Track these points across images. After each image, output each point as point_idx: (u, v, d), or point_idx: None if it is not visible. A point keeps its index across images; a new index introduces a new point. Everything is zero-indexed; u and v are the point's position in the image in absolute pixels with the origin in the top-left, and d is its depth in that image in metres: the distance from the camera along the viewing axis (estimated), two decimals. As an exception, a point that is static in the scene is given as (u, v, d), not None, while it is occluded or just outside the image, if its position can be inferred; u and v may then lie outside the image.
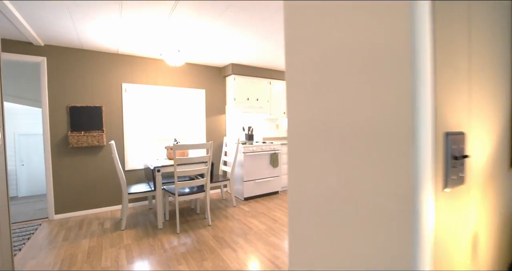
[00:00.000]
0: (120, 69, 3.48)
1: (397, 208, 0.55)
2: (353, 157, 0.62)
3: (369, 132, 0.57)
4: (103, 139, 3.30)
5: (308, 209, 0.81)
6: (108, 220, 3.08)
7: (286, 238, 2.60)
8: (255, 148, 3.92)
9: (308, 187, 0.81)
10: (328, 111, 0.72)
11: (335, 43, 0.68)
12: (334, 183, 0.71)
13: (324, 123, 0.73)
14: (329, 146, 0.72)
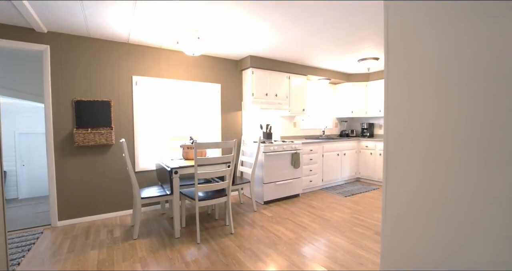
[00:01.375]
0: (130, 61, 3.16)
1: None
2: (467, 160, 0.68)
3: (487, 135, 0.64)
4: (112, 137, 2.99)
5: (407, 210, 0.84)
6: (117, 227, 2.75)
7: (322, 248, 2.28)
8: (275, 148, 3.60)
9: (409, 188, 0.84)
10: (438, 113, 0.77)
11: (452, 45, 0.72)
12: (438, 184, 0.76)
13: (434, 124, 0.78)
14: (437, 148, 0.77)
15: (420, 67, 0.95)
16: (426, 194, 0.96)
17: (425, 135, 0.96)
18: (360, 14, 2.42)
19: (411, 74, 1.00)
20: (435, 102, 0.91)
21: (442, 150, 0.90)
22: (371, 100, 4.91)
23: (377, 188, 4.36)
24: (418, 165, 1.01)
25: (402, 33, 1.00)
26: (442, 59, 0.90)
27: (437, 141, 0.92)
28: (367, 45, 3.31)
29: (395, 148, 1.18)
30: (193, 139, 3.05)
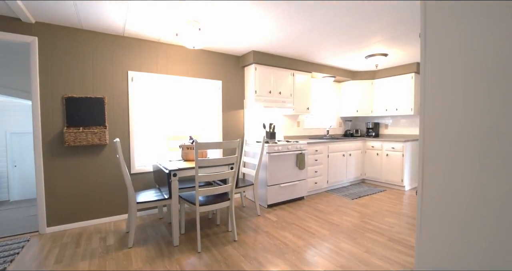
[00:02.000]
0: (126, 55, 2.96)
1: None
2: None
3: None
4: (106, 137, 2.78)
5: (444, 210, 0.93)
6: (111, 234, 2.55)
7: (334, 257, 2.09)
8: (280, 148, 3.41)
9: (446, 188, 0.93)
10: (478, 113, 0.84)
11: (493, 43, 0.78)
12: (476, 185, 0.84)
13: (475, 125, 0.85)
14: (479, 148, 0.84)
15: (459, 65, 0.95)
16: (466, 196, 0.94)
17: (464, 136, 0.95)
18: (368, 6, 2.25)
19: (450, 72, 0.99)
20: (475, 101, 0.90)
21: (484, 150, 0.88)
22: (377, 99, 4.74)
23: (384, 190, 4.18)
24: (458, 167, 1.00)
25: (441, 31, 1.00)
26: (481, 56, 0.89)
27: (478, 142, 0.90)
28: (376, 40, 3.13)
29: (432, 150, 1.15)
30: (193, 139, 2.85)
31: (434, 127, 1.15)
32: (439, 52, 1.11)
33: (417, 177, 4.45)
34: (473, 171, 0.95)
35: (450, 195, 1.05)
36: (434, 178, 1.14)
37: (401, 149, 4.11)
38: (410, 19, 2.54)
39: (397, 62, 4.17)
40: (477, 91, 0.96)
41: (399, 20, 2.56)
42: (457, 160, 1.01)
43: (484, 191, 0.92)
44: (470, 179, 0.96)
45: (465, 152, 0.98)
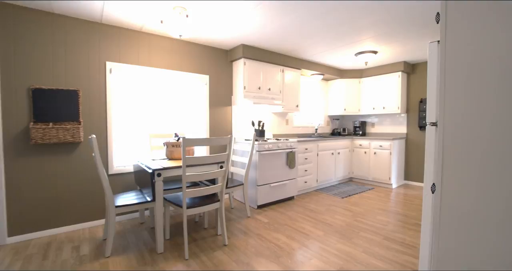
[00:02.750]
0: (103, 44, 2.69)
1: None
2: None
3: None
4: (80, 134, 2.50)
5: (462, 212, 0.92)
6: (86, 242, 2.28)
7: (331, 259, 1.99)
8: (270, 146, 3.28)
9: (464, 190, 0.91)
10: (499, 111, 0.82)
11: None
12: (496, 187, 0.82)
13: (495, 126, 0.82)
14: (501, 147, 0.82)
15: (479, 62, 0.92)
16: (489, 195, 0.90)
17: (486, 134, 0.91)
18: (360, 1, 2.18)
19: (470, 68, 0.96)
20: (495, 99, 0.87)
21: (505, 149, 0.85)
22: (365, 98, 4.75)
23: (372, 188, 4.18)
24: (479, 165, 0.95)
25: (461, 28, 0.96)
26: (504, 56, 0.85)
27: (500, 140, 0.87)
28: (366, 36, 3.09)
29: (453, 147, 1.06)
30: (179, 136, 2.64)
31: (453, 129, 1.09)
32: (459, 51, 1.04)
33: (403, 175, 4.51)
34: (494, 174, 0.89)
35: (471, 197, 0.98)
36: (454, 179, 1.06)
37: (388, 147, 4.13)
38: (402, 16, 2.51)
39: (385, 61, 4.19)
40: (501, 92, 0.90)
41: (389, 17, 2.52)
42: (479, 160, 0.95)
43: (506, 192, 0.86)
44: (491, 181, 0.91)
45: (486, 152, 0.93)
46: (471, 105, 0.97)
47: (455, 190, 1.02)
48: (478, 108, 0.95)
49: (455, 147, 1.03)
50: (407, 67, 4.28)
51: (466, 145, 0.99)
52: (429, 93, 1.59)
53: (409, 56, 3.93)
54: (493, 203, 0.90)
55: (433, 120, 1.58)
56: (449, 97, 1.05)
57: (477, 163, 0.94)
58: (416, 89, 4.36)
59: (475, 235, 0.95)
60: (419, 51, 3.71)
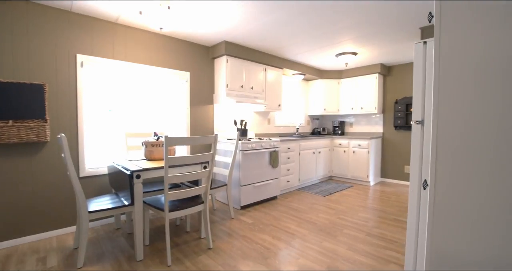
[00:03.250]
0: (74, 35, 2.46)
1: None
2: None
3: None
4: (46, 133, 2.26)
5: (457, 210, 0.94)
6: (53, 253, 2.06)
7: (319, 257, 1.98)
8: (254, 145, 3.22)
9: (460, 189, 0.94)
10: (489, 110, 0.85)
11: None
12: (490, 184, 0.84)
13: (489, 124, 0.85)
14: (491, 147, 0.85)
15: (473, 62, 0.95)
16: (480, 196, 0.93)
17: (479, 130, 0.94)
18: (342, 1, 2.22)
19: (464, 68, 0.98)
20: (490, 99, 0.90)
21: (499, 148, 0.88)
22: (344, 98, 4.88)
23: (351, 186, 4.30)
24: (472, 166, 0.97)
25: (455, 27, 0.99)
26: (494, 54, 0.88)
27: (492, 140, 0.89)
28: (347, 37, 3.16)
29: (446, 145, 1.09)
30: (158, 135, 2.49)
31: (447, 126, 1.10)
32: (453, 50, 1.06)
33: (380, 173, 4.69)
34: (487, 171, 0.92)
35: (463, 195, 1.00)
36: (447, 178, 1.08)
37: (366, 146, 4.27)
38: (378, 19, 2.59)
39: (363, 62, 4.33)
40: (494, 89, 0.92)
41: (368, 19, 2.60)
42: (471, 159, 0.98)
43: (499, 191, 0.89)
44: (484, 179, 0.93)
45: (479, 150, 0.96)
46: (463, 103, 0.99)
47: (448, 185, 1.03)
48: (471, 106, 0.96)
49: (448, 144, 1.05)
50: (384, 69, 4.47)
51: (458, 142, 1.01)
52: (415, 92, 1.63)
53: (385, 58, 4.09)
54: (485, 198, 0.92)
55: (418, 118, 1.63)
56: (443, 95, 1.06)
57: (470, 158, 0.96)
58: (392, 91, 4.56)
59: (469, 229, 0.96)
60: (394, 54, 3.87)
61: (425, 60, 1.64)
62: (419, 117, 1.63)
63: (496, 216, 0.88)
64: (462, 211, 0.97)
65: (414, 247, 1.62)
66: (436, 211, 1.07)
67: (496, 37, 0.88)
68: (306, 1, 2.25)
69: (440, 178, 1.07)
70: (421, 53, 1.64)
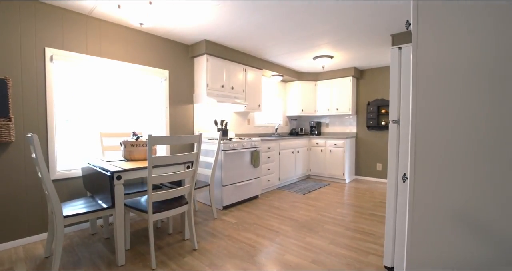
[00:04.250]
0: (42, 26, 2.28)
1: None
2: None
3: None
4: (10, 132, 2.06)
5: (435, 200, 1.01)
6: (21, 263, 1.88)
7: (303, 252, 2.04)
8: (235, 145, 3.22)
9: (437, 180, 1.01)
10: (465, 109, 0.93)
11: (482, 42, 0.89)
12: (471, 186, 0.93)
13: (470, 125, 0.93)
14: (472, 149, 0.92)
15: (449, 63, 1.01)
16: (457, 184, 1.00)
17: (455, 128, 1.01)
18: (318, 6, 2.33)
19: (439, 71, 1.05)
20: (470, 101, 0.97)
21: (481, 151, 0.94)
22: (320, 99, 5.07)
23: (328, 184, 4.47)
24: (452, 168, 1.03)
25: (431, 30, 1.06)
26: (479, 55, 0.94)
27: (474, 142, 0.96)
28: (323, 41, 3.30)
29: (424, 141, 1.20)
30: (138, 135, 2.39)
31: (426, 128, 1.19)
32: (432, 51, 1.15)
33: (354, 171, 4.94)
34: (468, 172, 0.99)
35: (441, 185, 1.08)
36: (426, 170, 1.16)
37: (342, 146, 4.48)
38: (353, 25, 2.76)
39: (338, 66, 4.54)
40: (473, 91, 1.02)
41: (343, 25, 2.74)
42: (448, 152, 1.05)
43: (480, 193, 0.97)
44: (464, 180, 1.00)
45: (460, 153, 1.03)
46: (439, 103, 1.08)
47: (426, 177, 1.12)
48: (446, 105, 1.06)
49: (426, 140, 1.14)
50: (357, 73, 4.72)
51: (435, 137, 1.10)
52: (392, 94, 1.76)
53: (358, 62, 4.33)
54: (461, 205, 1.01)
55: (395, 118, 1.76)
56: (420, 96, 1.15)
57: (446, 151, 1.05)
58: (364, 93, 4.84)
59: (448, 219, 1.05)
60: (367, 58, 4.11)
61: (400, 64, 1.78)
62: (395, 116, 1.76)
63: (472, 206, 0.97)
64: (440, 201, 1.07)
65: (392, 237, 1.74)
66: (416, 201, 1.16)
67: (468, 42, 0.99)
68: (287, 5, 2.32)
69: (419, 171, 1.16)
70: (397, 58, 1.78)
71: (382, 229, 2.52)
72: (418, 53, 1.20)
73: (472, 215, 0.97)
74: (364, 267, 1.87)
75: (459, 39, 1.01)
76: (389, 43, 3.37)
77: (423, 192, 1.12)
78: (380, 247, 2.16)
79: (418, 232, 1.12)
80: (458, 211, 1.01)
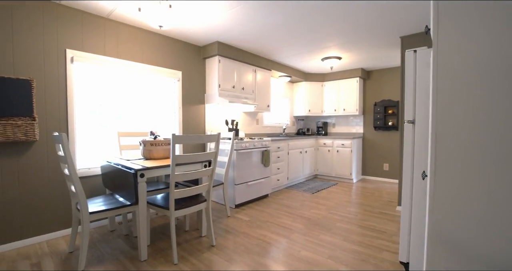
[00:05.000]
0: (63, 28, 2.35)
1: None
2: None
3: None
4: (35, 131, 2.13)
5: (458, 212, 1.02)
6: (47, 258, 1.94)
7: (318, 249, 2.10)
8: (247, 145, 3.29)
9: (457, 178, 1.03)
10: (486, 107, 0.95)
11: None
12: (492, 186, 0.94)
13: (489, 125, 0.94)
14: (492, 148, 0.94)
15: (469, 64, 1.04)
16: (480, 188, 1.02)
17: (475, 129, 1.03)
18: (328, 10, 2.39)
19: (459, 73, 1.08)
20: (490, 100, 0.99)
21: (501, 150, 0.96)
22: (327, 100, 5.12)
23: (336, 183, 4.53)
24: (468, 154, 1.06)
25: (451, 32, 1.09)
26: (491, 56, 0.97)
27: (494, 141, 0.98)
28: (333, 43, 3.36)
29: (444, 140, 1.22)
30: (155, 135, 2.46)
31: (446, 128, 1.22)
32: (452, 53, 1.18)
33: (361, 171, 4.98)
34: (489, 171, 1.01)
35: (461, 183, 1.12)
36: (447, 177, 1.19)
37: (349, 146, 4.53)
38: (364, 27, 2.81)
39: (345, 67, 4.60)
40: (493, 92, 1.05)
41: (354, 27, 2.80)
42: (468, 150, 1.08)
43: (503, 191, 0.99)
44: (485, 179, 1.03)
45: (481, 152, 1.05)
46: (459, 103, 1.13)
47: (446, 175, 1.17)
48: (465, 107, 1.10)
49: (446, 140, 1.18)
50: (364, 74, 4.77)
51: (456, 138, 1.15)
52: (407, 95, 1.81)
53: (365, 63, 4.39)
54: (483, 205, 1.05)
55: (410, 118, 1.82)
56: (440, 97, 1.20)
57: (466, 150, 1.10)
58: (371, 94, 4.89)
59: (468, 215, 1.10)
60: (374, 60, 4.17)
61: (415, 66, 1.83)
62: (410, 117, 1.82)
63: (494, 204, 1.02)
64: (461, 198, 1.11)
65: (407, 234, 1.79)
66: (436, 198, 1.21)
67: (488, 44, 1.03)
68: (302, 6, 2.38)
69: (440, 169, 1.21)
70: (411, 60, 1.83)
71: (393, 227, 2.58)
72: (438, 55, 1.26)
73: (495, 212, 1.01)
74: (379, 262, 1.92)
75: (479, 40, 1.05)
76: (397, 45, 3.43)
77: (444, 189, 1.16)
78: (393, 244, 2.22)
79: (439, 229, 1.16)
80: (480, 208, 1.05)
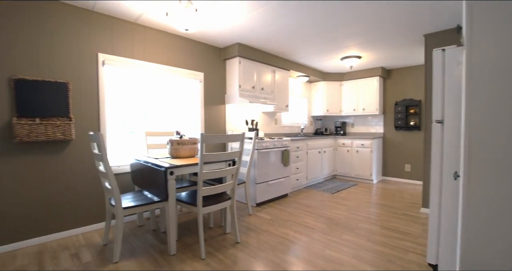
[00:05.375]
0: (95, 34, 2.48)
1: None
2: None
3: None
4: (71, 131, 2.27)
5: (493, 213, 1.01)
6: (84, 249, 2.07)
7: (342, 249, 2.10)
8: (268, 144, 3.32)
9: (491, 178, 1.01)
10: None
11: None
12: None
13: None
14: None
15: (503, 63, 1.03)
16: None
17: (509, 129, 1.01)
18: (348, 11, 2.39)
19: (493, 73, 1.07)
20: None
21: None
22: (345, 99, 5.07)
23: (355, 184, 4.48)
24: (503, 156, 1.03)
25: (484, 31, 1.09)
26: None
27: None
28: (353, 42, 3.33)
29: (478, 141, 1.19)
30: (181, 134, 2.55)
31: (480, 128, 1.20)
32: (485, 52, 1.17)
33: (381, 171, 4.90)
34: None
35: (495, 184, 1.10)
36: (482, 177, 1.17)
37: (369, 146, 4.46)
38: (386, 25, 2.77)
39: (365, 66, 4.53)
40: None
41: (377, 26, 2.77)
42: (508, 159, 1.06)
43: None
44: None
45: (508, 144, 1.03)
46: (492, 104, 1.11)
47: (480, 176, 1.15)
48: (499, 106, 1.08)
49: (480, 140, 1.16)
50: (384, 72, 4.69)
51: (490, 138, 1.13)
52: (435, 95, 1.78)
53: (386, 62, 4.31)
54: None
55: (439, 118, 1.79)
56: (474, 97, 1.18)
57: (500, 151, 1.08)
58: (391, 93, 4.79)
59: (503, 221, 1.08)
60: (395, 59, 4.09)
61: (443, 65, 1.80)
62: (439, 117, 1.79)
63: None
64: (497, 199, 1.10)
65: (436, 235, 1.76)
66: (470, 199, 1.20)
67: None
68: (325, 6, 2.38)
69: (474, 169, 1.19)
70: (440, 59, 1.80)
71: (418, 229, 2.53)
72: (472, 55, 1.24)
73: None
74: (405, 264, 1.90)
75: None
76: (420, 43, 3.35)
77: (478, 190, 1.15)
78: (418, 246, 2.18)
79: (473, 231, 1.15)
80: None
